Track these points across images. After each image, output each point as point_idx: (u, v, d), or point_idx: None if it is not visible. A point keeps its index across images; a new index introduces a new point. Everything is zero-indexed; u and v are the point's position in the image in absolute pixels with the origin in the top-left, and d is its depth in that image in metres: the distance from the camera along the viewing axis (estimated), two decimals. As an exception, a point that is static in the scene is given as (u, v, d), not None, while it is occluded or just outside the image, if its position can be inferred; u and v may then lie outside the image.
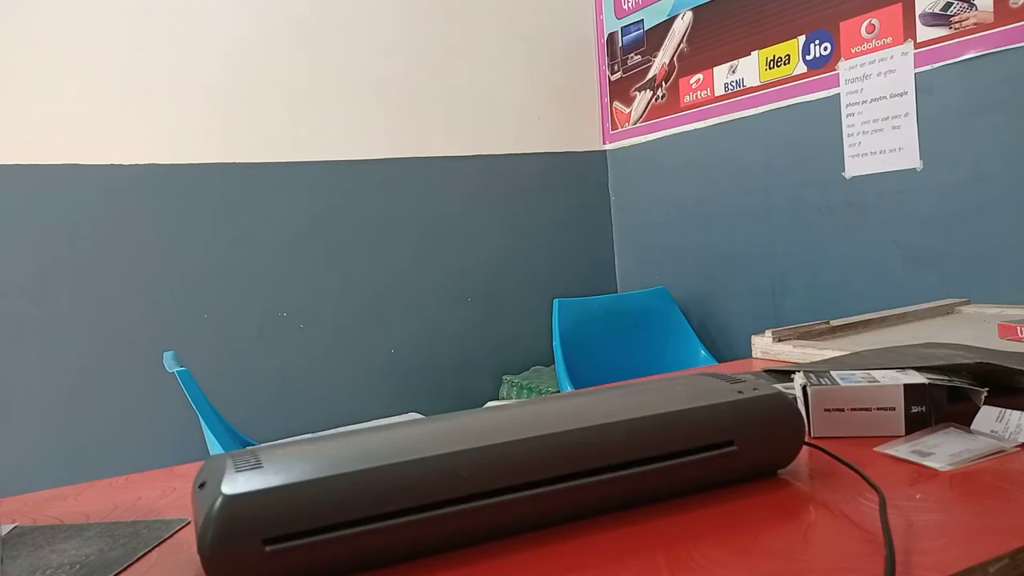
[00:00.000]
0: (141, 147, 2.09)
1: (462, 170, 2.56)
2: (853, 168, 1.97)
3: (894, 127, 1.85)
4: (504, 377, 2.59)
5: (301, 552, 0.43)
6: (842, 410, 0.66)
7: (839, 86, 1.97)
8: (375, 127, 2.42)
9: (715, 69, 2.35)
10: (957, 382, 0.67)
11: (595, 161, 2.83)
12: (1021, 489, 0.51)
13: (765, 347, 1.08)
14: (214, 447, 1.51)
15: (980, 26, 1.65)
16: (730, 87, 2.30)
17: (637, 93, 2.68)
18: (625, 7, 2.69)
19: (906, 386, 0.65)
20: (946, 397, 0.71)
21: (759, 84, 2.20)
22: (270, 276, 2.26)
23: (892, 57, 1.83)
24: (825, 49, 2.00)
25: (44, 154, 1.97)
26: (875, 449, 0.62)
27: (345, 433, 0.53)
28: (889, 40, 1.84)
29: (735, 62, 2.27)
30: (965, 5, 1.67)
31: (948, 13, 1.71)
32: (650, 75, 2.61)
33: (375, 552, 0.45)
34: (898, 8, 1.81)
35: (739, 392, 0.56)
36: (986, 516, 0.47)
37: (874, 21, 1.87)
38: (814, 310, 2.11)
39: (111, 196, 2.05)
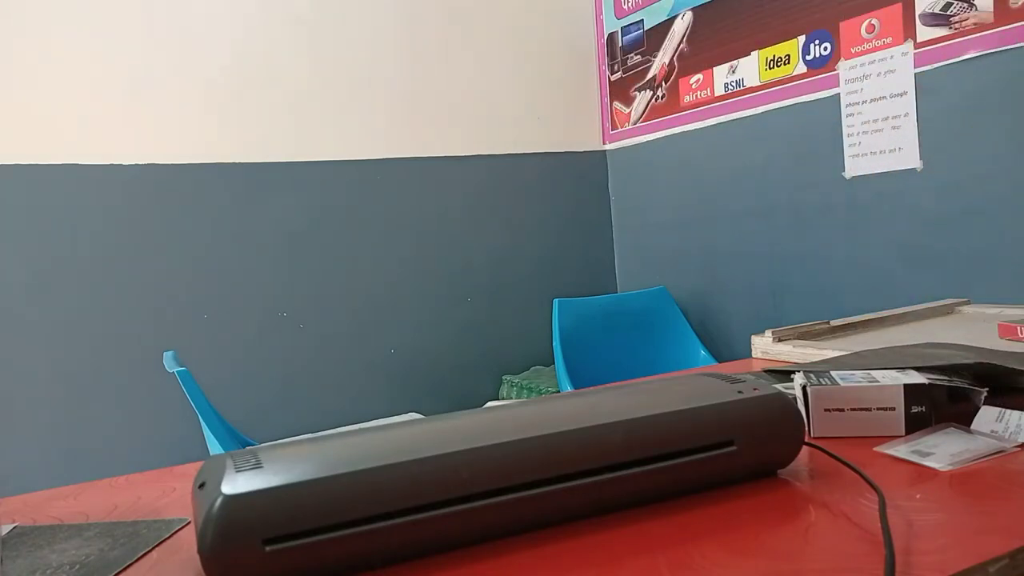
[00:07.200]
0: (141, 147, 2.09)
1: (462, 170, 2.56)
2: (853, 168, 1.97)
3: (894, 127, 1.85)
4: (504, 377, 2.59)
5: (301, 552, 0.43)
6: (842, 410, 0.66)
7: (839, 86, 1.97)
8: (375, 127, 2.42)
9: (715, 69, 2.35)
10: (957, 382, 0.67)
11: (595, 161, 2.83)
12: (1021, 489, 0.51)
13: (765, 347, 1.08)
14: (214, 447, 1.51)
15: (980, 26, 1.65)
16: (730, 87, 2.30)
17: (637, 93, 2.68)
18: (625, 7, 2.69)
19: (906, 386, 0.65)
20: (946, 397, 0.71)
21: (759, 84, 2.20)
22: (270, 276, 2.26)
23: (892, 57, 1.83)
24: (825, 49, 2.00)
25: (44, 154, 1.97)
26: (875, 449, 0.62)
27: (345, 433, 0.53)
28: (889, 40, 1.84)
29: (735, 62, 2.27)
30: (965, 5, 1.67)
31: (948, 13, 1.71)
32: (650, 75, 2.61)
33: (375, 552, 0.45)
34: (898, 8, 1.81)
35: (739, 392, 0.56)
36: (986, 516, 0.47)
37: (874, 21, 1.87)
38: (814, 310, 2.11)
39: (111, 196, 2.05)
